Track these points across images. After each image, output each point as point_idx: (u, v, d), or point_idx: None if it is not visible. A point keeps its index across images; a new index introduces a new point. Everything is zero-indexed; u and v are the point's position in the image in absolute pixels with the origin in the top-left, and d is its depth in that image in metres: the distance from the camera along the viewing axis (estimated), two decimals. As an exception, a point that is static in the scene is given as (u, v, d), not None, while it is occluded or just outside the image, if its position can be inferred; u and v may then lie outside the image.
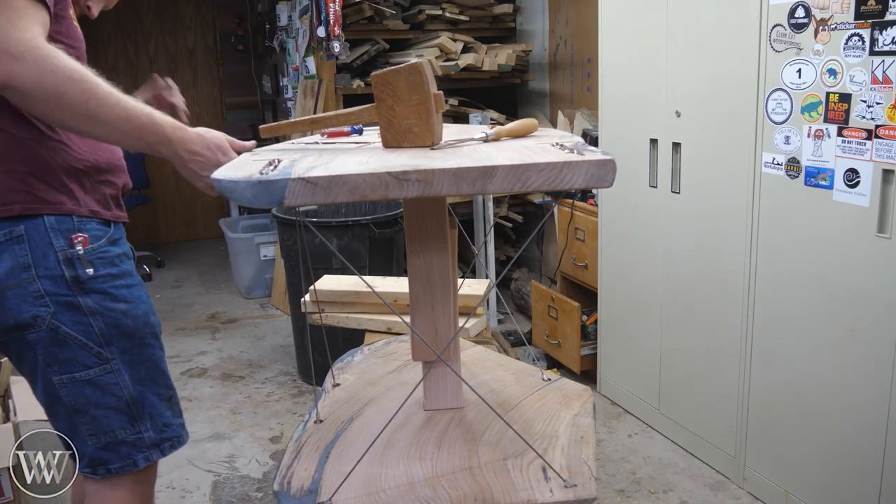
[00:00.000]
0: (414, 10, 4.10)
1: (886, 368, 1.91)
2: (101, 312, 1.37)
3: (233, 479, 2.63)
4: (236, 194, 1.00)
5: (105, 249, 1.39)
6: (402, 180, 0.95)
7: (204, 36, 6.18)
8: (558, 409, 1.34)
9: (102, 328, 1.37)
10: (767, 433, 2.31)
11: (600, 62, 2.90)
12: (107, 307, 1.38)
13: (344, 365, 1.61)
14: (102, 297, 1.37)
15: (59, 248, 1.33)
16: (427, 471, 1.15)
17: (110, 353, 1.39)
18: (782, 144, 2.14)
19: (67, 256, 1.34)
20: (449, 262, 1.26)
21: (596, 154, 1.00)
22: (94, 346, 1.37)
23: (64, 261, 1.34)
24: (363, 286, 2.13)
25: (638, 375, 2.90)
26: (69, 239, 1.34)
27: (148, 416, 1.45)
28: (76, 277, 1.34)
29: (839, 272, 2.01)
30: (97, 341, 1.37)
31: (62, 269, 1.33)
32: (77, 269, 1.34)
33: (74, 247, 1.34)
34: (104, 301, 1.37)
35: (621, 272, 2.92)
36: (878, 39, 1.83)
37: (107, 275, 1.38)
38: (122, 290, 1.40)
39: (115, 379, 1.40)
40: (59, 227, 1.34)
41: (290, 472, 1.17)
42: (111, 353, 1.39)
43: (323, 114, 1.25)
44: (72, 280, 1.34)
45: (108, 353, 1.39)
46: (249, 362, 3.71)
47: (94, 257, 1.37)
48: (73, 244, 1.34)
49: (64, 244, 1.34)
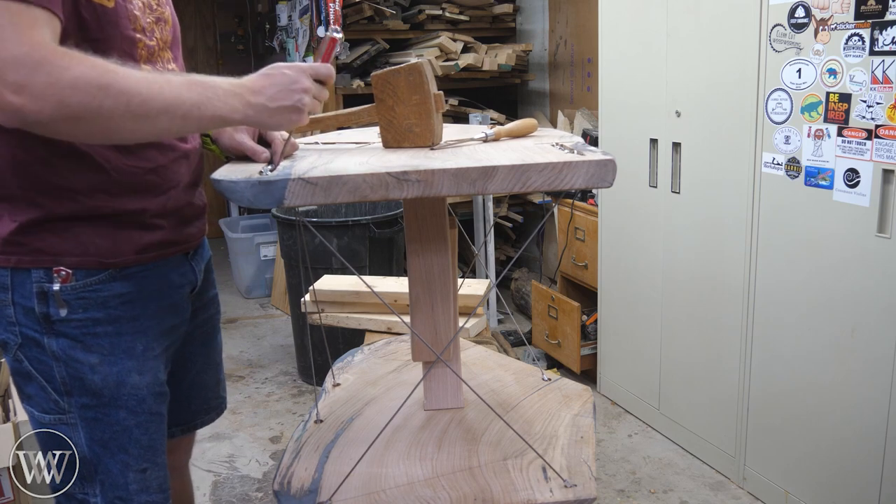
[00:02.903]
0: (414, 10, 4.10)
1: (886, 368, 1.91)
2: (65, 360, 1.15)
3: (233, 479, 2.63)
4: (236, 195, 1.00)
5: (96, 288, 1.16)
6: (402, 180, 0.95)
7: (204, 36, 6.18)
8: (558, 409, 1.34)
9: (64, 377, 1.16)
10: (767, 433, 2.31)
11: (600, 62, 2.90)
12: (72, 356, 1.15)
13: (344, 365, 1.61)
14: (72, 345, 1.15)
15: (36, 278, 1.13)
16: (427, 471, 1.15)
17: (68, 406, 1.18)
18: (782, 144, 2.14)
19: (42, 290, 1.13)
20: (449, 262, 1.26)
21: (596, 154, 1.00)
22: (53, 393, 1.17)
23: (38, 294, 1.13)
24: (363, 286, 2.13)
25: (638, 375, 2.90)
26: (49, 270, 1.13)
27: (99, 482, 1.21)
28: (46, 315, 1.14)
29: (839, 272, 2.01)
30: (57, 388, 1.17)
31: (34, 303, 1.14)
32: (49, 307, 1.13)
33: (52, 281, 1.13)
34: (72, 349, 1.15)
35: (621, 272, 2.92)
36: (878, 39, 1.83)
37: (87, 319, 1.15)
38: (102, 340, 1.17)
39: (69, 432, 1.19)
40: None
41: (290, 472, 1.17)
42: (69, 405, 1.18)
43: (323, 114, 1.24)
44: (41, 317, 1.14)
45: (66, 404, 1.18)
46: (249, 362, 3.71)
47: (75, 296, 1.14)
48: (52, 277, 1.13)
49: (42, 275, 1.13)
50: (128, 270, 1.19)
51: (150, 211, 1.20)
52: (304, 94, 1.07)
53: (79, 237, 1.14)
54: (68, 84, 0.93)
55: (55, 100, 0.92)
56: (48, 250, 1.14)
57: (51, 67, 0.92)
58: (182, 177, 1.25)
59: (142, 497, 1.23)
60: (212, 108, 1.02)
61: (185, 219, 1.28)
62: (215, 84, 1.04)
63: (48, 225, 1.13)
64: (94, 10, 1.07)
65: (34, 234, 1.13)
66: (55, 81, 0.92)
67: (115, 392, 1.18)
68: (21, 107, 0.92)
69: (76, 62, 0.94)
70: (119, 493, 1.22)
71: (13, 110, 0.92)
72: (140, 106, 0.97)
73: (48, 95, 0.92)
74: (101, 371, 1.17)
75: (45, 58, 0.93)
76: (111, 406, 1.19)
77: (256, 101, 1.05)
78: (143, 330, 1.21)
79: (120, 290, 1.18)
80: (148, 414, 1.23)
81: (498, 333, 3.58)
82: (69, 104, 0.93)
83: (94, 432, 1.19)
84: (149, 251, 1.21)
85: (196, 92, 1.01)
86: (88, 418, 1.18)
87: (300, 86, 1.06)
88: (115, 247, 1.17)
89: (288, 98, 1.06)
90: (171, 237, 1.25)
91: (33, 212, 1.12)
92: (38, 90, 0.92)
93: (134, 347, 1.20)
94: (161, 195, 1.21)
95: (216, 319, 1.48)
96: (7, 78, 0.91)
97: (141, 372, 1.21)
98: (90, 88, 0.94)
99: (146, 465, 1.24)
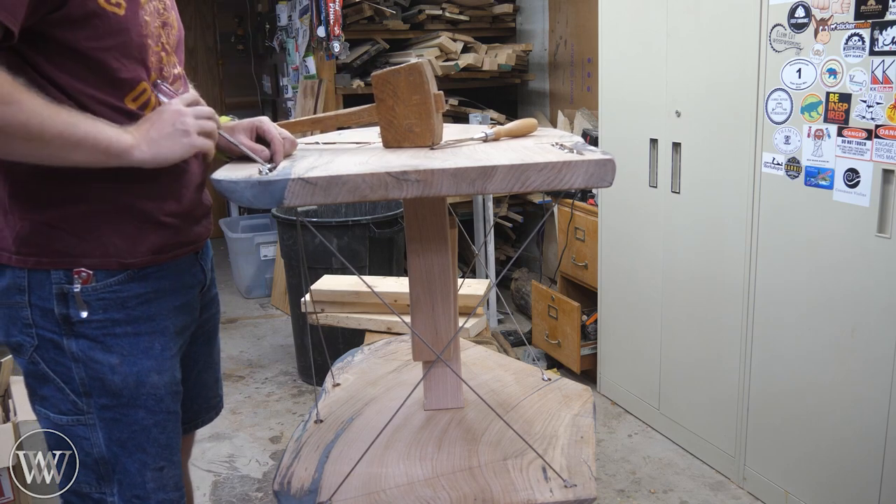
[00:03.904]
0: (414, 10, 4.10)
1: (886, 368, 1.91)
2: (84, 361, 1.17)
3: (233, 479, 2.63)
4: (236, 195, 1.00)
5: (115, 289, 1.17)
6: (401, 180, 0.95)
7: (204, 36, 6.18)
8: (558, 409, 1.34)
9: (84, 378, 1.17)
10: (767, 433, 2.31)
11: (600, 62, 2.90)
12: (92, 357, 1.17)
13: (344, 365, 1.61)
14: (91, 346, 1.16)
15: (56, 279, 1.14)
16: (427, 471, 1.15)
17: (87, 406, 1.19)
18: (782, 144, 2.14)
19: (62, 291, 1.14)
20: (449, 262, 1.26)
21: (595, 154, 1.00)
22: (71, 394, 1.18)
23: (57, 295, 1.14)
24: (363, 286, 2.13)
25: (638, 375, 2.90)
26: (69, 271, 1.14)
27: (117, 481, 1.22)
28: (66, 317, 1.15)
29: (839, 272, 2.01)
30: (76, 390, 1.18)
31: (54, 304, 1.14)
32: (69, 308, 1.15)
33: (72, 282, 1.14)
34: (92, 350, 1.16)
35: (621, 272, 2.92)
36: (878, 39, 1.83)
37: (106, 320, 1.17)
38: (121, 340, 1.18)
39: (86, 433, 1.20)
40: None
41: (290, 472, 1.17)
42: (88, 406, 1.19)
43: (323, 114, 1.25)
44: (61, 318, 1.15)
45: (85, 405, 1.19)
46: (249, 362, 3.71)
47: (95, 297, 1.15)
48: (72, 279, 1.14)
49: (62, 276, 1.14)
50: (145, 271, 1.20)
51: (165, 210, 1.21)
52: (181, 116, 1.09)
53: (98, 238, 1.15)
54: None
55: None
56: (68, 251, 1.14)
57: None
58: (195, 177, 1.27)
59: (159, 495, 1.25)
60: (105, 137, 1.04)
61: (195, 218, 1.30)
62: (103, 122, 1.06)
63: (66, 225, 1.14)
64: (107, 19, 1.08)
65: (52, 235, 1.14)
66: None
67: (135, 392, 1.20)
68: None
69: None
70: (137, 491, 1.23)
71: None
72: (38, 126, 0.98)
73: None
74: (121, 371, 1.18)
75: None
76: (130, 406, 1.20)
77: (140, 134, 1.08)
78: (160, 330, 1.23)
79: (138, 291, 1.19)
80: (165, 413, 1.24)
81: (498, 333, 3.58)
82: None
83: (112, 432, 1.20)
84: (164, 251, 1.22)
85: (89, 122, 1.04)
86: (107, 419, 1.20)
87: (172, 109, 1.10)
88: (133, 247, 1.18)
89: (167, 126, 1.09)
90: (184, 237, 1.26)
91: (50, 212, 1.13)
92: None
93: (152, 347, 1.21)
94: (176, 195, 1.23)
95: (217, 319, 1.49)
96: None
97: (160, 371, 1.22)
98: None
99: (163, 464, 1.25)
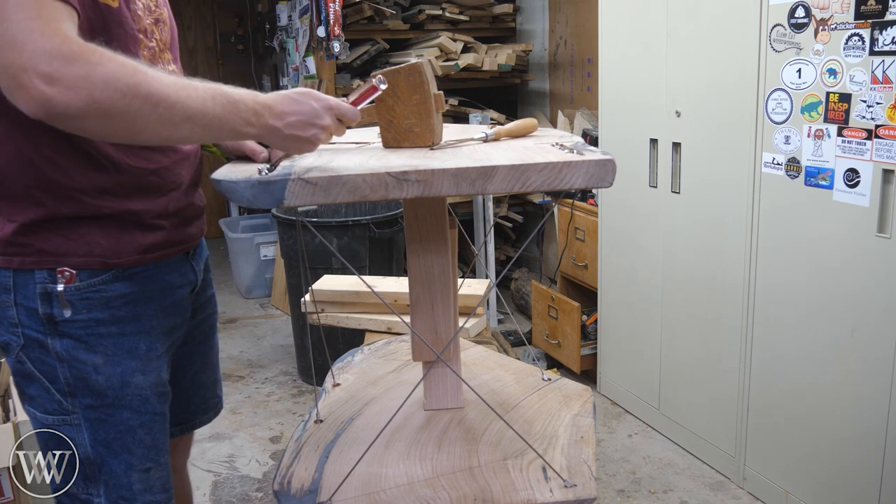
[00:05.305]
0: (414, 10, 4.10)
1: (886, 368, 1.91)
2: (69, 361, 1.16)
3: (233, 479, 2.63)
4: (236, 195, 1.00)
5: (99, 289, 1.16)
6: (401, 180, 0.95)
7: (204, 36, 6.18)
8: (558, 409, 1.34)
9: (68, 377, 1.16)
10: (767, 433, 2.31)
11: (600, 62, 2.90)
12: (76, 357, 1.15)
13: (344, 365, 1.61)
14: (76, 345, 1.15)
15: (40, 279, 1.13)
16: (427, 471, 1.15)
17: (72, 406, 1.18)
18: (782, 144, 2.14)
19: (46, 291, 1.13)
20: (449, 262, 1.26)
21: (596, 154, 1.00)
22: (56, 394, 1.17)
23: (41, 295, 1.13)
24: (363, 286, 2.13)
25: (638, 375, 2.90)
26: (53, 271, 1.13)
27: (103, 482, 1.21)
28: (50, 316, 1.14)
29: (839, 272, 2.01)
30: (61, 389, 1.17)
31: (38, 303, 1.13)
32: (53, 308, 1.14)
33: (56, 282, 1.13)
34: (76, 350, 1.15)
35: (621, 272, 2.92)
36: (878, 39, 1.83)
37: (90, 320, 1.15)
38: (106, 340, 1.17)
39: (72, 433, 1.19)
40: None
41: (290, 472, 1.17)
42: (73, 406, 1.18)
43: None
44: (45, 318, 1.14)
45: (70, 405, 1.18)
46: (249, 362, 3.71)
47: (79, 297, 1.14)
48: (56, 278, 1.13)
49: (45, 276, 1.13)
50: (130, 270, 1.19)
51: (152, 211, 1.20)
52: (322, 132, 1.07)
53: (83, 237, 1.14)
54: (100, 80, 0.91)
55: (86, 94, 0.90)
56: (52, 251, 1.13)
57: (83, 61, 0.90)
58: (183, 178, 1.26)
59: (145, 497, 1.24)
60: (231, 124, 1.01)
61: (186, 219, 1.29)
62: (240, 100, 1.02)
63: (51, 225, 1.13)
64: (101, 10, 1.07)
65: (38, 235, 1.13)
66: (87, 76, 0.90)
67: (119, 392, 1.19)
68: (51, 97, 0.89)
69: (107, 59, 0.93)
70: (123, 493, 1.22)
71: (43, 100, 0.90)
72: (166, 111, 0.96)
73: (80, 89, 0.90)
74: (105, 371, 1.17)
75: (77, 52, 0.91)
76: (115, 406, 1.19)
77: (274, 125, 1.04)
78: (146, 330, 1.21)
79: (123, 291, 1.18)
80: (151, 414, 1.23)
81: (498, 333, 3.58)
82: (99, 100, 0.91)
83: (98, 433, 1.19)
84: (151, 251, 1.21)
85: (220, 105, 1.00)
86: (92, 419, 1.18)
87: (321, 122, 1.06)
88: (119, 247, 1.17)
89: (305, 130, 1.05)
90: (173, 237, 1.25)
91: (36, 211, 1.12)
92: (70, 83, 0.90)
93: (137, 347, 1.20)
94: (163, 196, 1.21)
95: (214, 319, 1.49)
96: (39, 68, 0.89)
97: (144, 372, 1.21)
98: (120, 87, 0.92)
99: (150, 465, 1.24)
